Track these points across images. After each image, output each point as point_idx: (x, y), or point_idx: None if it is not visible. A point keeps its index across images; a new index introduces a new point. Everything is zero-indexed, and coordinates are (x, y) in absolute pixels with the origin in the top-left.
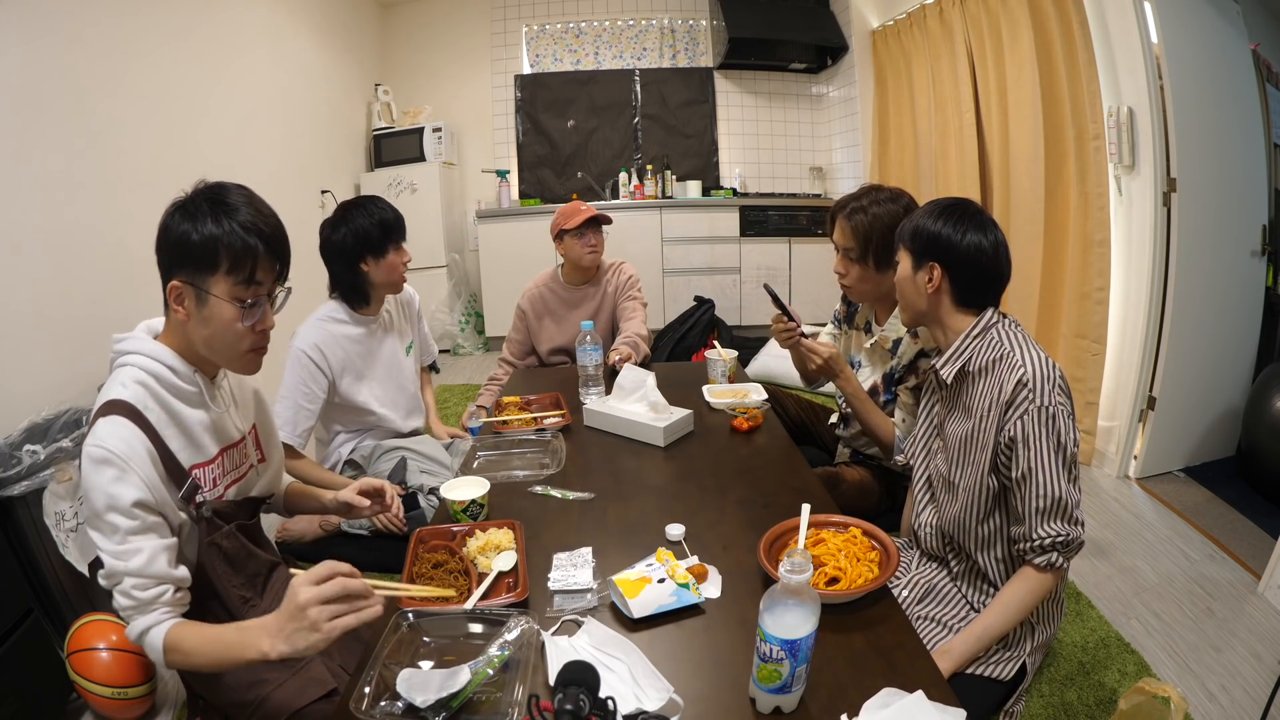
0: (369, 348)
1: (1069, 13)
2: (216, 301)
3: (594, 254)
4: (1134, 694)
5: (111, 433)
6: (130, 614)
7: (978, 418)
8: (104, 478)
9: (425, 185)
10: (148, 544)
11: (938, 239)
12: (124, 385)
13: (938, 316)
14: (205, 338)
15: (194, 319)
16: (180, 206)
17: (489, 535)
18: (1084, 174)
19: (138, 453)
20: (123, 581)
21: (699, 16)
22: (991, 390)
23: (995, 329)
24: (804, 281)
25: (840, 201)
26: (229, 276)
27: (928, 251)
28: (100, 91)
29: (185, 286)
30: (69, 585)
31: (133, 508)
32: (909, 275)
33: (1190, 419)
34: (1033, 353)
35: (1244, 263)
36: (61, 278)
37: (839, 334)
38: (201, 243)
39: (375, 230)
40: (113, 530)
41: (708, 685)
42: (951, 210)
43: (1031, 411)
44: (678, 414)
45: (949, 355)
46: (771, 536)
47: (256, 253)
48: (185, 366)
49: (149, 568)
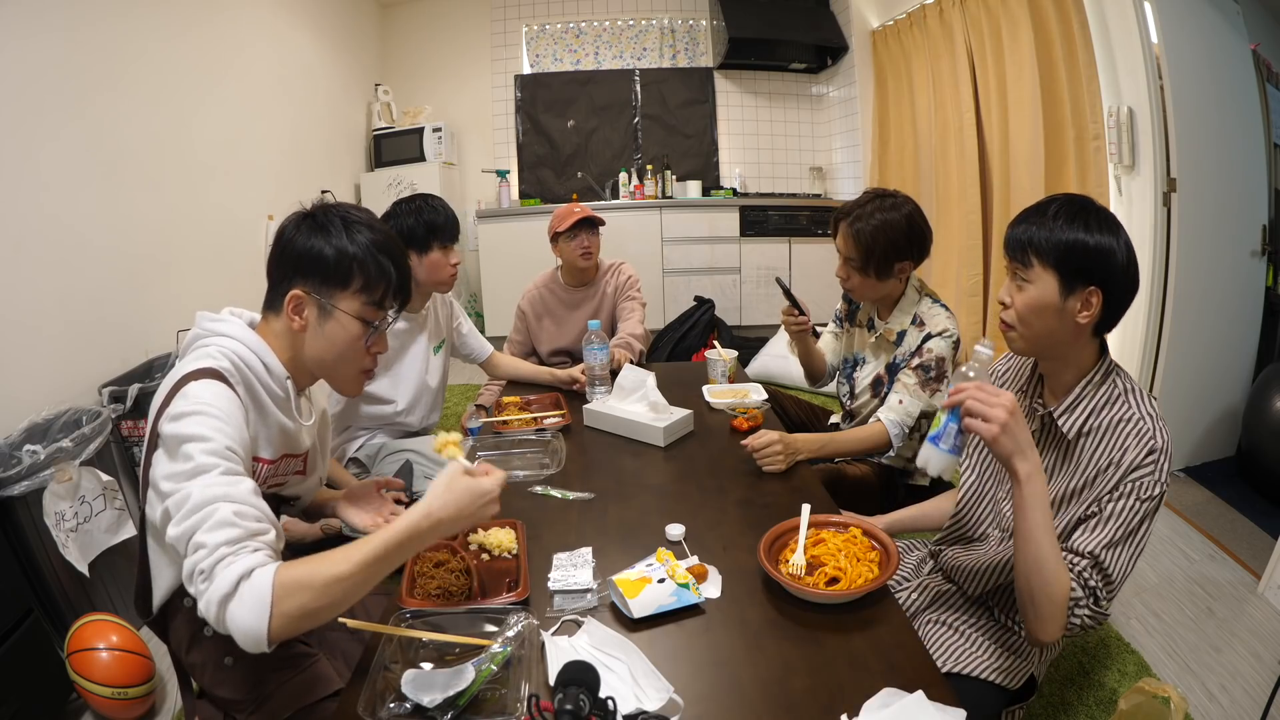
0: (403, 342)
1: (1069, 13)
2: (343, 317)
3: (587, 255)
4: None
5: (207, 389)
6: (223, 554)
7: (1089, 476)
8: (198, 426)
9: (425, 185)
10: (247, 483)
11: (1099, 256)
12: (215, 358)
13: (1068, 348)
14: (321, 351)
15: (312, 331)
16: (308, 217)
17: (489, 535)
18: (1084, 174)
19: (234, 410)
20: (219, 509)
21: (699, 16)
22: (1113, 453)
23: (1115, 376)
24: (804, 281)
25: (844, 208)
26: (360, 295)
27: (1086, 274)
28: (100, 91)
29: (308, 298)
30: (69, 585)
31: (228, 450)
32: (1055, 302)
33: (1190, 419)
34: (1161, 425)
35: (1244, 263)
36: (61, 278)
37: (840, 333)
38: (336, 258)
39: (420, 229)
40: (209, 467)
41: (708, 685)
42: (1094, 215)
43: (1149, 480)
44: (678, 414)
45: (1069, 404)
46: (771, 536)
47: (390, 277)
48: (281, 369)
49: (254, 499)
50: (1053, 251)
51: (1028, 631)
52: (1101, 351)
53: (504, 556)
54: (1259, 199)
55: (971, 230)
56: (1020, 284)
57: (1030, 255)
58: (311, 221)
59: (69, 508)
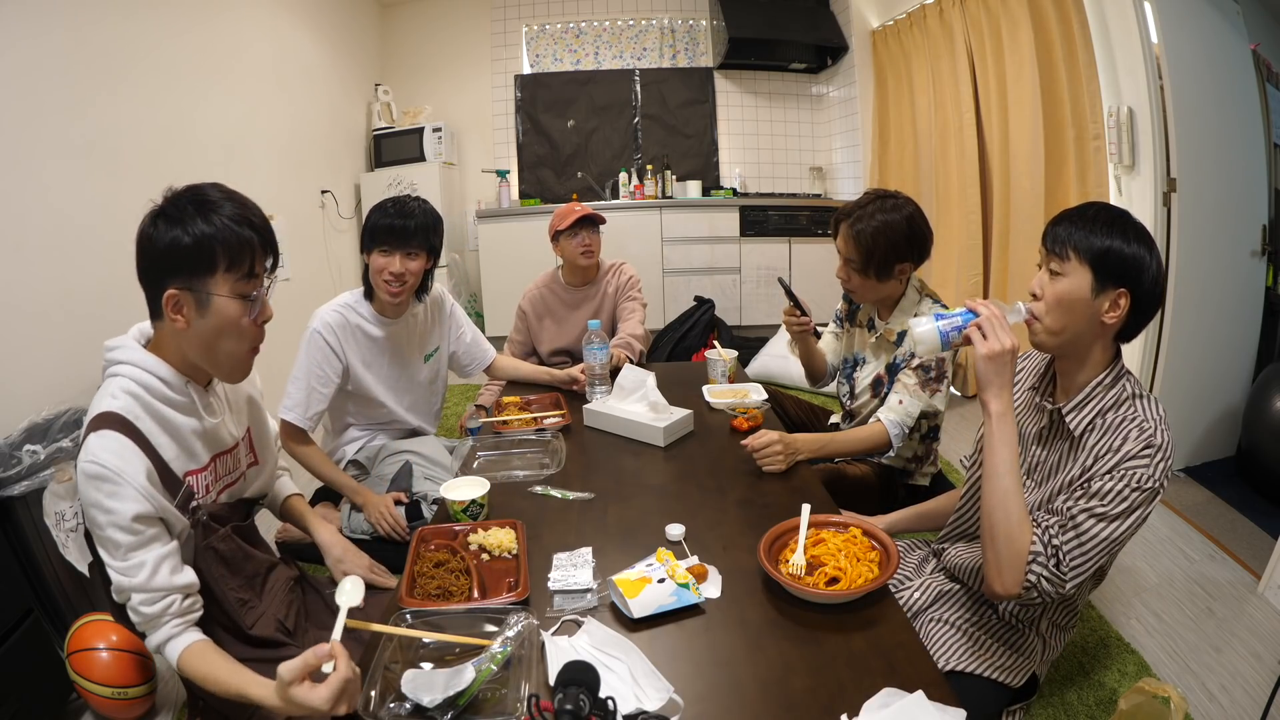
0: (385, 350)
1: (1069, 13)
2: (220, 301)
3: (588, 253)
4: (1134, 694)
5: (103, 446)
6: (144, 629)
7: (1086, 464)
8: (100, 493)
9: (425, 185)
10: (149, 556)
11: (1134, 262)
12: (114, 396)
13: (1088, 348)
14: (207, 343)
15: (194, 326)
16: (160, 213)
17: (490, 534)
18: (1084, 174)
19: (131, 465)
20: (131, 598)
21: (699, 16)
22: (1113, 442)
23: (1126, 379)
24: (804, 281)
25: (845, 210)
26: (229, 274)
27: (1119, 276)
28: (101, 91)
29: (184, 293)
30: (69, 585)
31: (132, 522)
32: (1086, 297)
33: (1190, 419)
34: (1165, 429)
35: (1244, 263)
36: (61, 277)
37: (841, 333)
38: (195, 244)
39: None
40: (115, 546)
41: (708, 685)
42: (1131, 227)
43: (1143, 470)
44: (678, 414)
45: (1079, 401)
46: (771, 536)
47: (253, 245)
48: (177, 378)
49: (152, 581)
50: (1090, 250)
51: (986, 582)
52: (1116, 357)
53: (504, 556)
54: (1259, 199)
55: (971, 230)
56: (1054, 275)
57: (1069, 249)
58: (164, 216)
59: (69, 508)
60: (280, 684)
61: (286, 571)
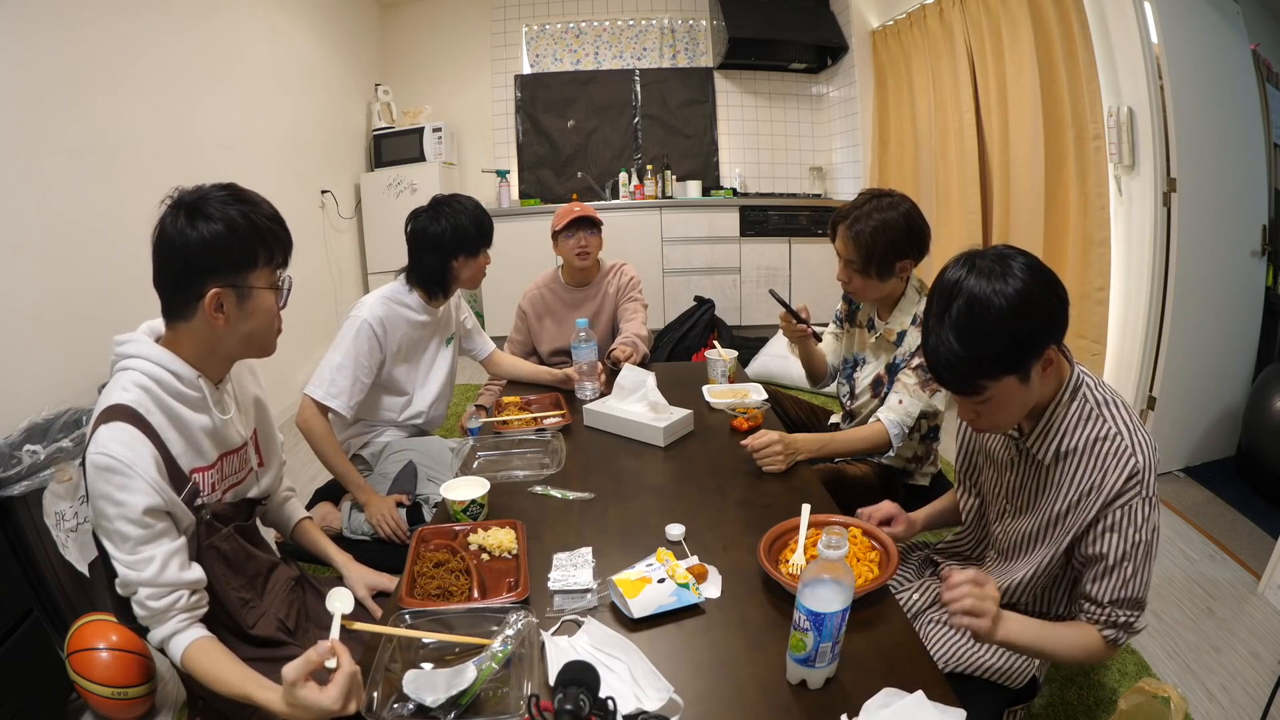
0: (423, 336)
1: (1069, 13)
2: (260, 294)
3: (584, 255)
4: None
5: (114, 438)
6: (149, 623)
7: (1072, 499)
8: (110, 485)
9: (425, 185)
10: (159, 551)
11: (1032, 331)
12: (125, 389)
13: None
14: (245, 334)
15: (234, 321)
16: (180, 206)
17: (490, 535)
18: (1084, 174)
19: (142, 457)
20: (137, 592)
21: (699, 16)
22: (1093, 476)
23: (1085, 387)
24: (804, 282)
25: (842, 211)
26: (267, 267)
27: (1033, 348)
28: (101, 91)
29: (226, 290)
30: (69, 585)
31: (143, 515)
32: (1020, 390)
33: (1190, 419)
34: (1140, 436)
35: (1244, 263)
36: (61, 278)
37: (841, 333)
38: (236, 240)
39: (473, 230)
40: (123, 539)
41: (708, 685)
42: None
43: (1137, 504)
44: (678, 414)
45: (1041, 430)
46: (771, 537)
47: (281, 239)
48: (189, 372)
49: (161, 575)
50: (997, 363)
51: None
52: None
53: (504, 556)
54: (1259, 199)
55: (971, 230)
56: (982, 402)
57: (978, 382)
58: (189, 210)
59: (69, 508)
60: (286, 686)
61: (287, 571)
